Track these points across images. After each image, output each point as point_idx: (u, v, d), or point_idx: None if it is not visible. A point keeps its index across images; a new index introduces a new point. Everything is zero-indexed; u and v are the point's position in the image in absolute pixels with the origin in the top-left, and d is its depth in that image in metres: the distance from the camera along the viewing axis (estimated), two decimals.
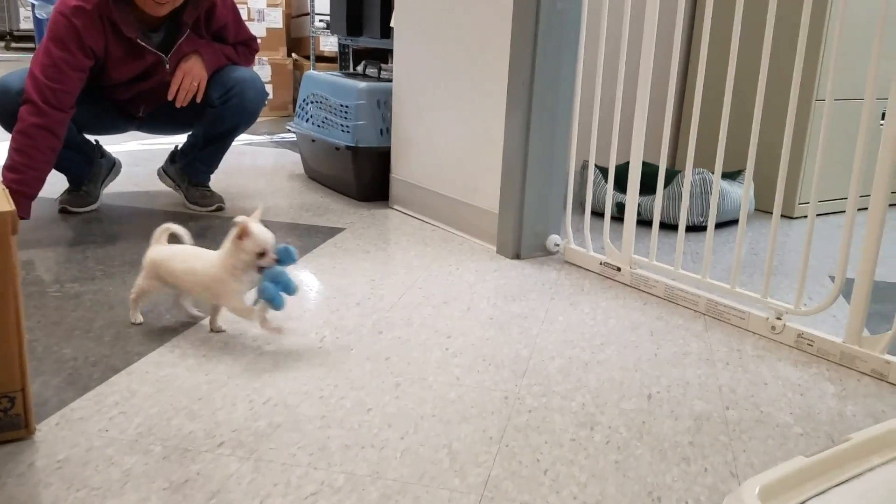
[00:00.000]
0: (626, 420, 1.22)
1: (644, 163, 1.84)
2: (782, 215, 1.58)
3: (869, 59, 1.35)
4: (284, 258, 1.36)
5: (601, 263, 1.93)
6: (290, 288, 1.36)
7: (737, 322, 1.63)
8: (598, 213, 2.20)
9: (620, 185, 2.04)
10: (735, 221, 2.38)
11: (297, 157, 3.24)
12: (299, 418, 1.18)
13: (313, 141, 2.77)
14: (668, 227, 2.29)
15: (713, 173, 1.68)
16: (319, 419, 1.18)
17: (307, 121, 2.81)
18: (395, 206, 2.54)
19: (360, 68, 2.97)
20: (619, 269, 1.88)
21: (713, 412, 1.26)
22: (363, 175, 2.58)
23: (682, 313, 1.70)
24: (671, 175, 2.32)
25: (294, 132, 2.90)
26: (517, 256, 2.04)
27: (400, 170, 2.51)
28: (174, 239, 1.50)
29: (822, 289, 1.89)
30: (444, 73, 2.25)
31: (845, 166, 1.46)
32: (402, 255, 2.04)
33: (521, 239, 2.03)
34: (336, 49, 4.56)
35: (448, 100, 2.24)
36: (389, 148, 2.54)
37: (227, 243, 1.35)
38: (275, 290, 1.33)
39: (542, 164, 1.99)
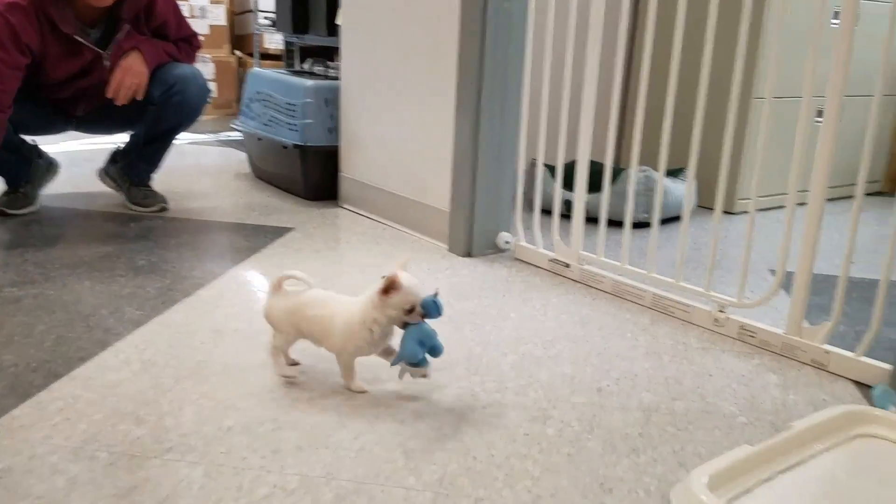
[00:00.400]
0: (578, 413, 1.24)
1: (591, 161, 1.87)
2: (723, 211, 1.63)
3: (805, 58, 1.40)
4: (431, 311, 1.21)
5: (550, 260, 1.95)
6: (436, 351, 1.22)
7: (682, 315, 1.67)
8: (546, 211, 2.22)
9: (568, 183, 2.07)
10: (678, 217, 2.43)
11: (242, 156, 3.19)
12: (250, 421, 1.16)
13: (260, 139, 2.73)
14: (615, 223, 2.32)
15: (657, 171, 1.72)
16: (271, 421, 1.16)
17: (253, 119, 2.78)
18: (345, 206, 2.52)
19: (305, 66, 2.94)
20: (567, 266, 1.91)
21: (661, 404, 1.28)
22: (312, 174, 2.56)
23: (629, 308, 1.73)
24: (617, 173, 2.35)
25: (240, 131, 2.86)
26: (468, 254, 2.05)
27: (349, 168, 2.50)
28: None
29: (763, 282, 1.95)
30: (391, 71, 2.24)
31: (784, 163, 1.51)
32: (353, 255, 2.02)
33: (473, 237, 2.04)
34: (281, 46, 4.51)
35: (397, 98, 2.24)
36: (338, 146, 2.53)
37: (373, 295, 1.21)
38: (422, 356, 1.21)
39: (491, 162, 2.00)
